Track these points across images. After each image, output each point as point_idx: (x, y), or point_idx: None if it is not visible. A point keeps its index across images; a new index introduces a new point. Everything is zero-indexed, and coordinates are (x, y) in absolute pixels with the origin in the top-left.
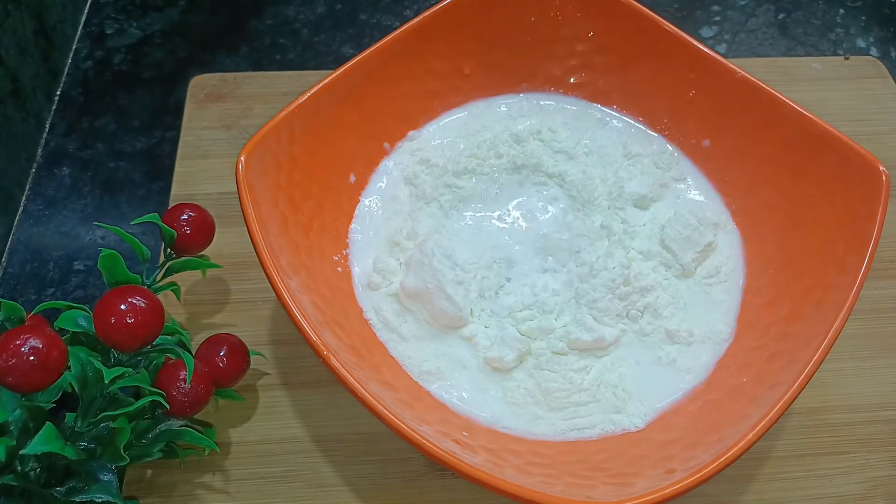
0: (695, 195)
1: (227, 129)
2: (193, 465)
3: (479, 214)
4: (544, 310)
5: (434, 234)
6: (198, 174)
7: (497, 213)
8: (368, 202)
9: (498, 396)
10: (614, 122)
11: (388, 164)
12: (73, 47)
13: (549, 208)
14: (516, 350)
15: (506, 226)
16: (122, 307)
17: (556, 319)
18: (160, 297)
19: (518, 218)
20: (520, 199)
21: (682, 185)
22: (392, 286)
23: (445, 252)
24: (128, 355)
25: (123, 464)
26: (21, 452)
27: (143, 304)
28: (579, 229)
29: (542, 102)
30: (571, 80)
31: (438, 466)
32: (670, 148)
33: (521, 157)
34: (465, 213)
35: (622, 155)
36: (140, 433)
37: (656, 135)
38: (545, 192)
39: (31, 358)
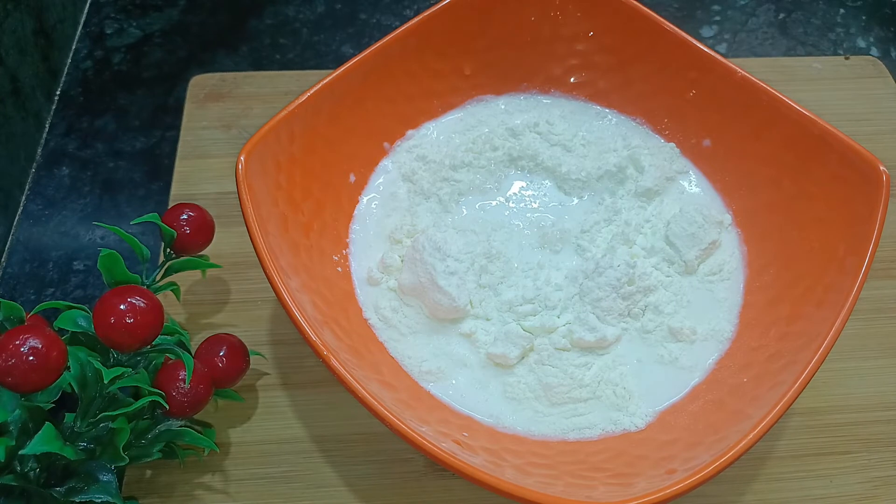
0: (697, 191)
1: (227, 129)
2: (193, 465)
3: (476, 206)
4: (547, 305)
5: (429, 229)
6: (197, 174)
7: (494, 205)
8: (368, 201)
9: (498, 392)
10: (613, 117)
11: (387, 163)
12: (73, 47)
13: (547, 200)
14: (520, 347)
15: (503, 217)
16: (122, 307)
17: (558, 317)
18: (160, 297)
19: (516, 210)
20: (517, 191)
21: (686, 181)
22: (392, 282)
23: (436, 245)
24: (127, 355)
25: (123, 464)
26: (20, 452)
27: (142, 304)
28: (579, 221)
29: (542, 101)
30: (571, 79)
31: (438, 466)
32: (671, 144)
33: (516, 149)
34: (462, 207)
35: (622, 147)
36: (139, 433)
37: (656, 135)
38: (542, 184)
39: (31, 358)
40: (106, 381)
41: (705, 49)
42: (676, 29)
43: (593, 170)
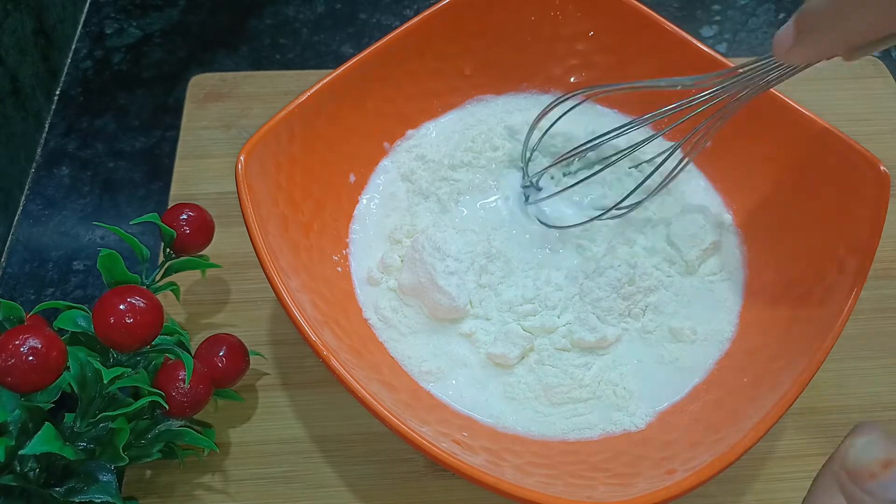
0: (698, 191)
1: (227, 129)
2: (193, 465)
3: (476, 206)
4: (547, 305)
5: (428, 229)
6: (197, 174)
7: (494, 204)
8: (368, 201)
9: (498, 393)
10: (613, 116)
11: (387, 163)
12: (73, 47)
13: (548, 199)
14: (520, 347)
15: (503, 217)
16: (122, 307)
17: (558, 317)
18: (159, 297)
19: (516, 210)
20: (517, 191)
21: (686, 181)
22: (392, 282)
23: (435, 245)
24: (127, 355)
25: (122, 464)
26: (20, 452)
27: (142, 305)
28: (579, 220)
29: (542, 100)
30: (571, 79)
31: (438, 466)
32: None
33: (516, 149)
34: (462, 207)
35: (624, 144)
36: (139, 433)
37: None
38: (542, 183)
39: (31, 358)
40: (106, 381)
41: (705, 49)
42: (676, 29)
43: (593, 168)
